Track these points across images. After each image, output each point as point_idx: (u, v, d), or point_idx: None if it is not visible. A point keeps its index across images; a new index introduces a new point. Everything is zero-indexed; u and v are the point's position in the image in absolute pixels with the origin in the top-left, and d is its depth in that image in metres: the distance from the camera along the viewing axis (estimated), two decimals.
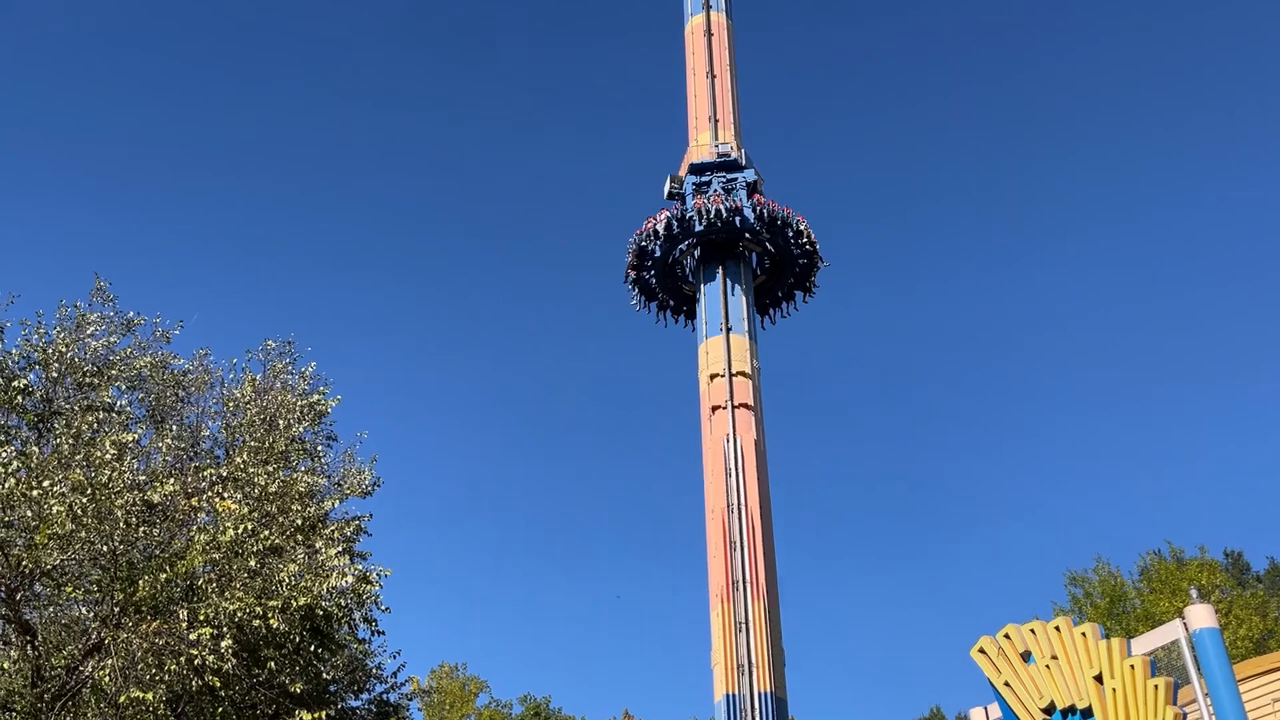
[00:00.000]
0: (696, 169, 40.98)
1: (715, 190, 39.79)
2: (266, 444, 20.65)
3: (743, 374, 38.53)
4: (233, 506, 17.13)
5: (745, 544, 34.57)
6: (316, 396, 23.20)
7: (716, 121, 43.14)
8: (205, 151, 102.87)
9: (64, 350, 18.38)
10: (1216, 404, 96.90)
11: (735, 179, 40.24)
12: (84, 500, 15.99)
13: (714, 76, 44.21)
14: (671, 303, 42.35)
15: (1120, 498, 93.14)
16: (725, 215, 38.65)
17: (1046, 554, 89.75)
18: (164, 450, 18.58)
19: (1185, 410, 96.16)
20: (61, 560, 16.70)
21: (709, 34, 44.72)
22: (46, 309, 19.25)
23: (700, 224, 38.82)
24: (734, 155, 41.01)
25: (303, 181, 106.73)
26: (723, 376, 38.31)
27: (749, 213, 39.04)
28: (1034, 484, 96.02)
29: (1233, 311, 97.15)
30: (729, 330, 39.63)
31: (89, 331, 18.97)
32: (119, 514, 16.40)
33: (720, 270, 40.04)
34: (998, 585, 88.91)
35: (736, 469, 36.07)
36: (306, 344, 29.06)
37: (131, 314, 20.39)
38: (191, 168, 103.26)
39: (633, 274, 41.30)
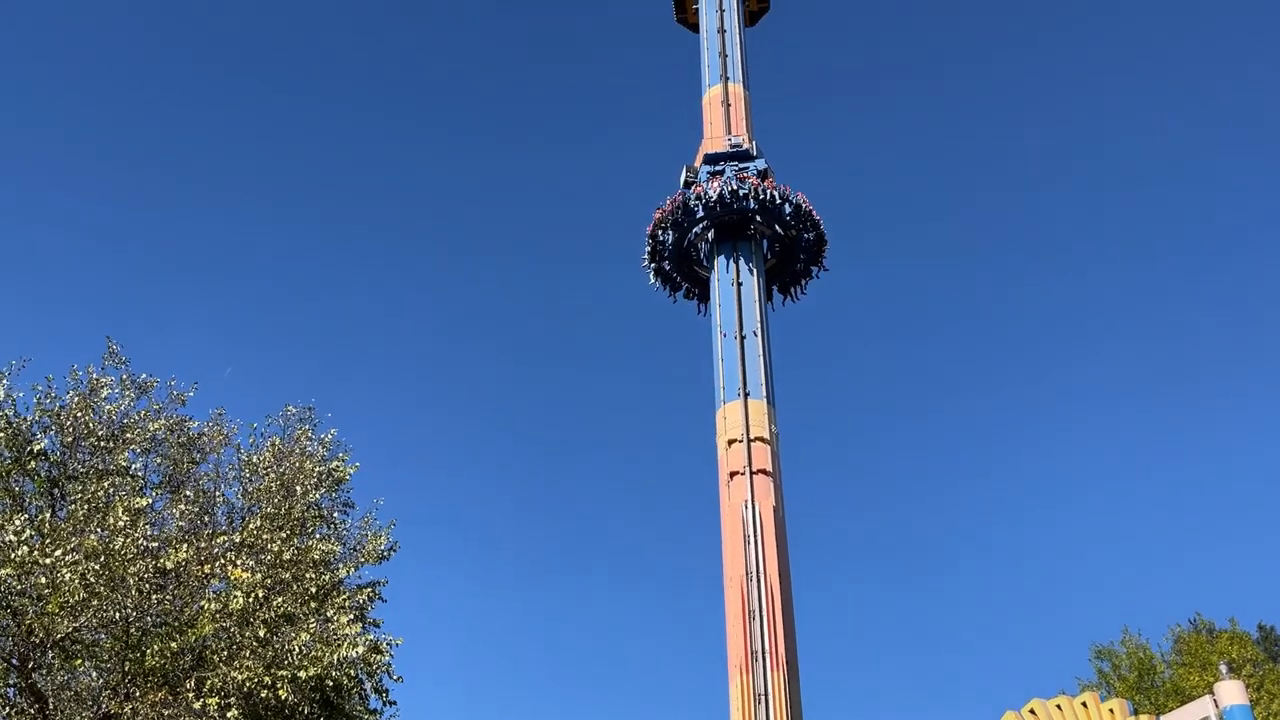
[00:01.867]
0: (711, 159, 42.90)
1: (729, 176, 41.62)
2: (283, 510, 20.57)
3: (761, 439, 38.31)
4: (244, 575, 16.99)
5: (765, 614, 34.03)
6: (335, 463, 23.09)
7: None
8: (221, 207, 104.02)
9: (78, 415, 18.40)
10: (1251, 472, 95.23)
11: (747, 168, 42.08)
12: (96, 567, 15.90)
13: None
14: (685, 285, 43.73)
15: (1149, 567, 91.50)
16: (737, 194, 40.50)
17: (1072, 626, 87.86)
18: (178, 516, 18.51)
19: (1218, 479, 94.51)
20: (73, 628, 16.57)
21: (726, 104, 45.47)
22: (59, 372, 19.34)
23: (714, 200, 40.18)
24: (746, 147, 43.07)
25: (324, 239, 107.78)
26: (741, 442, 38.10)
27: (760, 193, 40.62)
28: (1059, 553, 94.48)
29: (1265, 375, 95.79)
30: (746, 395, 39.52)
31: (103, 395, 19.01)
32: (131, 581, 16.28)
33: (733, 250, 41.41)
34: (1021, 658, 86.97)
35: (755, 536, 35.67)
36: (328, 408, 29.14)
37: (144, 376, 20.44)
38: (207, 226, 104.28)
39: (651, 257, 42.48)
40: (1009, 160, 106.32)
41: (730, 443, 38.47)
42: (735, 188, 41.20)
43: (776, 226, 42.28)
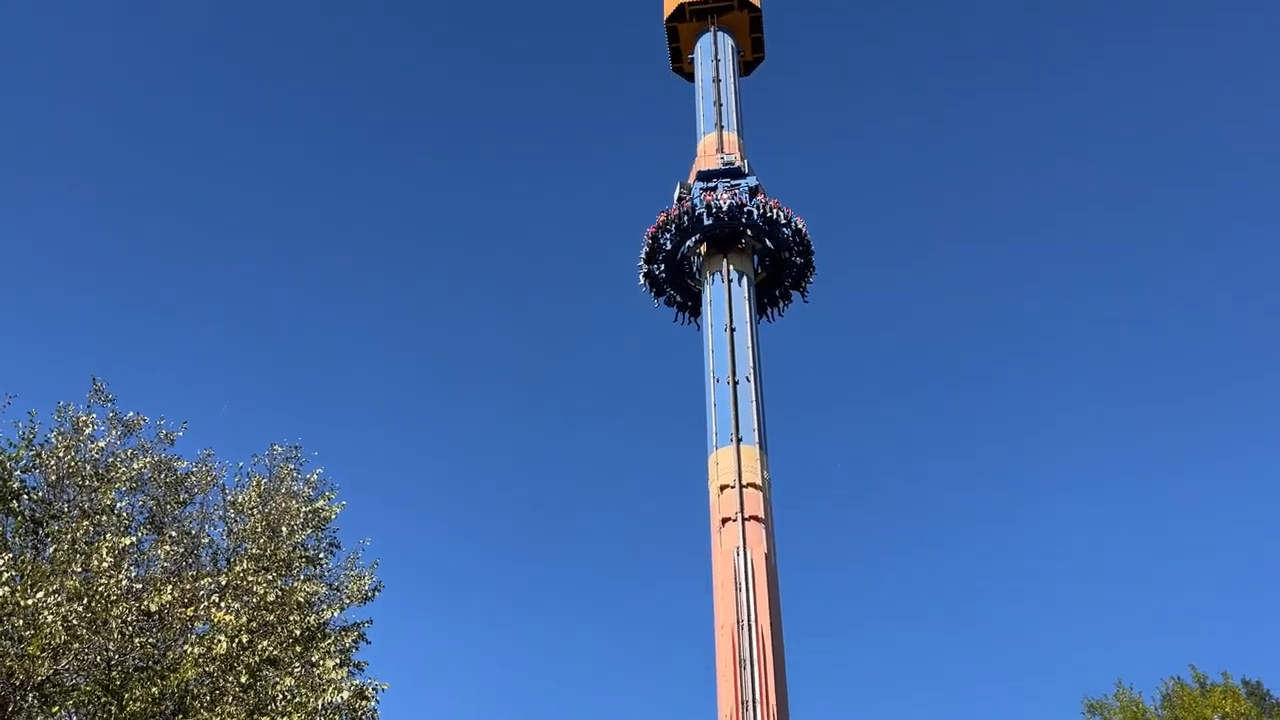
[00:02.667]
0: (704, 176, 44.42)
1: (721, 191, 43.10)
2: (268, 552, 20.27)
3: (753, 485, 38.14)
4: (229, 618, 16.68)
5: (756, 662, 33.66)
6: (321, 502, 22.77)
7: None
8: (211, 244, 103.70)
9: (61, 454, 18.16)
10: (1243, 522, 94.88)
11: (739, 184, 43.47)
12: (78, 609, 15.59)
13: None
14: (671, 292, 44.84)
15: (1142, 620, 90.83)
16: (730, 209, 42.01)
17: (1064, 678, 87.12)
18: (163, 556, 18.21)
19: (1213, 533, 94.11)
20: (53, 671, 16.21)
21: (721, 151, 45.89)
22: (45, 409, 19.12)
23: (708, 219, 41.76)
24: (738, 164, 44.53)
25: (317, 273, 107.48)
26: (733, 487, 37.91)
27: (751, 208, 42.08)
28: (1052, 603, 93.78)
29: (1260, 425, 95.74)
30: (739, 440, 39.41)
31: (87, 433, 18.78)
32: (113, 624, 15.97)
33: (725, 278, 42.40)
34: (1014, 710, 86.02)
35: (747, 584, 35.38)
36: (314, 446, 28.98)
37: (132, 414, 20.23)
38: (197, 260, 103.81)
39: (647, 259, 43.54)
40: (1001, 203, 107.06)
41: (722, 488, 38.27)
42: (743, 200, 42.49)
43: (767, 241, 43.39)
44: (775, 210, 43.00)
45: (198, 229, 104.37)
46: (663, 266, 44.09)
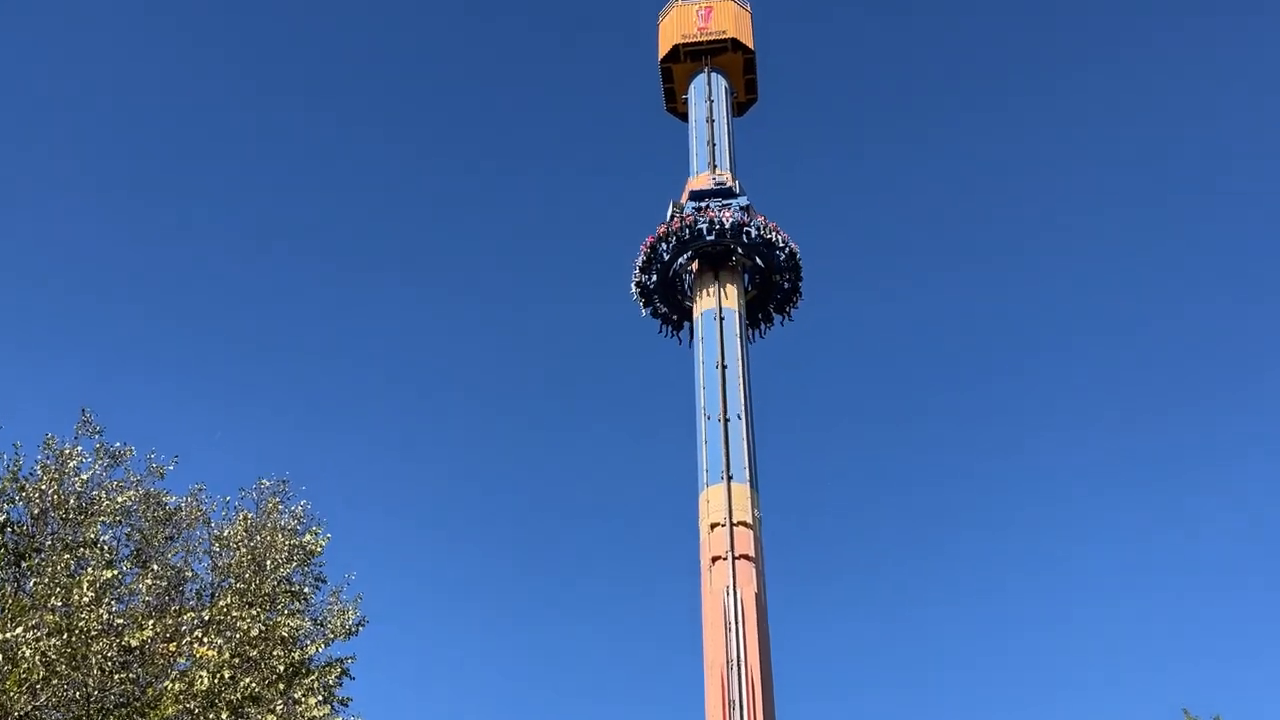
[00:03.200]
0: (696, 195, 45.59)
1: (716, 209, 44.29)
2: (253, 586, 20.14)
3: (744, 524, 38.01)
4: (210, 653, 16.51)
5: (745, 703, 33.38)
6: (308, 537, 22.67)
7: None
8: (203, 276, 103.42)
9: (45, 488, 18.06)
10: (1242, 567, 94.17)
11: (730, 203, 44.69)
12: (58, 644, 15.42)
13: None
14: (674, 316, 45.80)
15: (1137, 663, 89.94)
16: (732, 226, 43.31)
17: None
18: (144, 591, 18.06)
19: (1208, 575, 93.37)
20: (32, 707, 16.01)
21: (713, 174, 46.58)
22: (31, 440, 19.03)
23: (709, 233, 42.90)
24: (729, 185, 45.81)
25: (307, 306, 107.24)
26: (724, 526, 37.79)
27: (751, 228, 43.36)
28: (1045, 649, 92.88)
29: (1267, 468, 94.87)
30: (730, 478, 39.34)
31: (72, 465, 18.70)
32: (93, 659, 15.79)
33: (716, 295, 43.51)
34: None
35: (737, 624, 35.16)
36: (301, 480, 29.22)
37: (119, 444, 20.16)
38: (181, 270, 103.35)
39: (643, 269, 44.46)
40: (993, 235, 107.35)
41: (713, 526, 38.15)
42: (744, 220, 43.79)
43: (759, 259, 44.50)
44: (774, 232, 44.27)
45: (185, 232, 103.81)
46: (654, 278, 45.03)
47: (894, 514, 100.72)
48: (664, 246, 44.10)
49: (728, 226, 43.40)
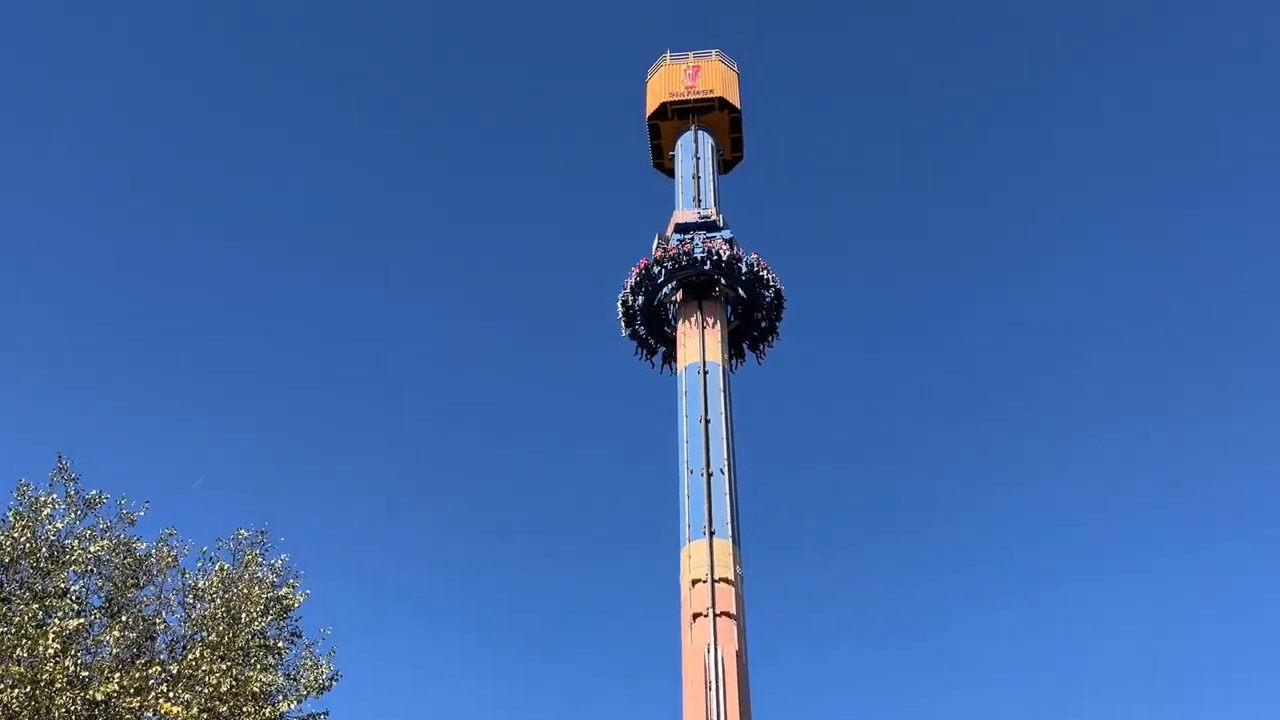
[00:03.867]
0: (682, 228, 46.67)
1: (704, 239, 45.58)
2: (226, 640, 19.78)
3: (725, 580, 37.67)
4: (177, 709, 16.14)
5: None
6: (285, 590, 22.35)
7: (705, 327, 44.49)
8: (185, 319, 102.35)
9: (16, 535, 17.79)
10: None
11: (715, 236, 45.79)
12: (21, 696, 15.07)
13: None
14: (652, 342, 46.77)
15: (1133, 704, 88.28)
16: (728, 259, 44.67)
17: None
18: (112, 643, 17.70)
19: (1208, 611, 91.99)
20: None
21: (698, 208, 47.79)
22: (6, 486, 18.85)
23: (706, 263, 44.15)
24: (714, 218, 46.96)
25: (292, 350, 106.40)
26: (705, 582, 37.42)
27: (748, 264, 44.92)
28: (1034, 701, 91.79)
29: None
30: (712, 534, 39.05)
31: (44, 513, 18.44)
32: (57, 713, 15.43)
33: (698, 309, 44.79)
34: None
35: (717, 682, 34.70)
36: (280, 532, 29.03)
37: (94, 492, 19.91)
38: (171, 336, 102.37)
39: (634, 290, 45.42)
40: (966, 299, 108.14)
41: (694, 583, 37.78)
42: (740, 254, 45.26)
43: (741, 291, 45.64)
44: (765, 271, 45.77)
45: (169, 275, 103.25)
46: (640, 301, 45.93)
47: (874, 564, 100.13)
48: (658, 270, 45.06)
49: (723, 258, 44.68)
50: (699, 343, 43.82)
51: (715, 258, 44.52)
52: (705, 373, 43.06)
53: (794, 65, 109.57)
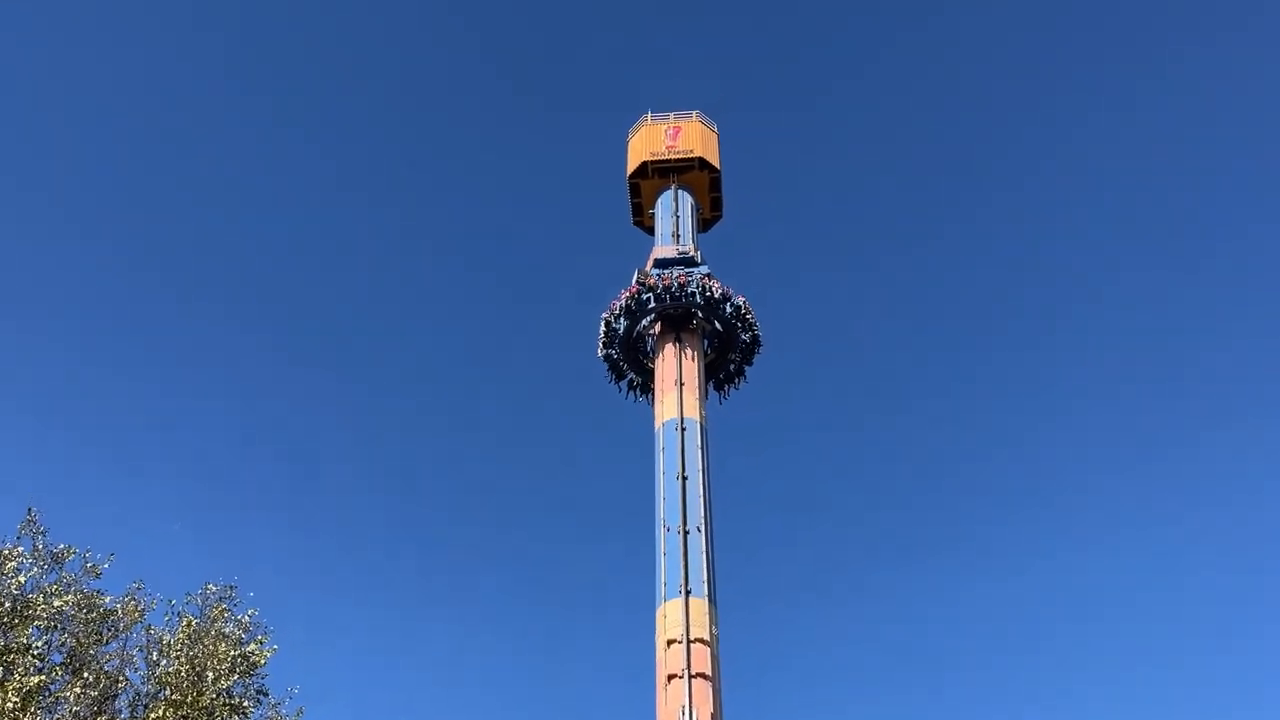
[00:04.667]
0: (661, 263, 47.64)
1: (695, 276, 46.71)
2: (190, 698, 19.33)
3: (701, 640, 37.22)
4: None
5: None
6: (252, 646, 22.00)
7: (683, 385, 44.58)
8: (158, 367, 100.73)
9: None
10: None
11: (692, 271, 46.84)
12: None
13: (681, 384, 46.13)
14: (628, 371, 47.83)
15: None
16: (719, 297, 45.95)
17: None
18: (73, 700, 17.23)
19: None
20: None
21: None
22: None
23: (700, 297, 45.40)
24: (692, 254, 47.90)
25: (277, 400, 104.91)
26: (680, 643, 36.94)
27: (737, 304, 46.18)
28: None
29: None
30: (688, 593, 38.64)
31: (9, 567, 18.07)
32: None
33: (675, 340, 45.84)
34: None
35: None
36: (250, 586, 27.62)
37: (62, 546, 19.57)
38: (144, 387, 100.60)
39: (625, 312, 46.08)
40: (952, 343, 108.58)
41: (669, 643, 37.30)
42: (729, 292, 46.46)
43: (717, 324, 46.87)
44: (749, 315, 46.96)
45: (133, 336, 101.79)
46: (624, 323, 46.78)
47: (852, 619, 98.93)
48: (647, 296, 46.01)
49: (715, 296, 46.03)
50: (676, 399, 43.80)
51: (708, 293, 45.89)
52: (683, 429, 42.98)
53: (775, 126, 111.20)
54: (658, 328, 46.75)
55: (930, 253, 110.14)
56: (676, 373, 44.77)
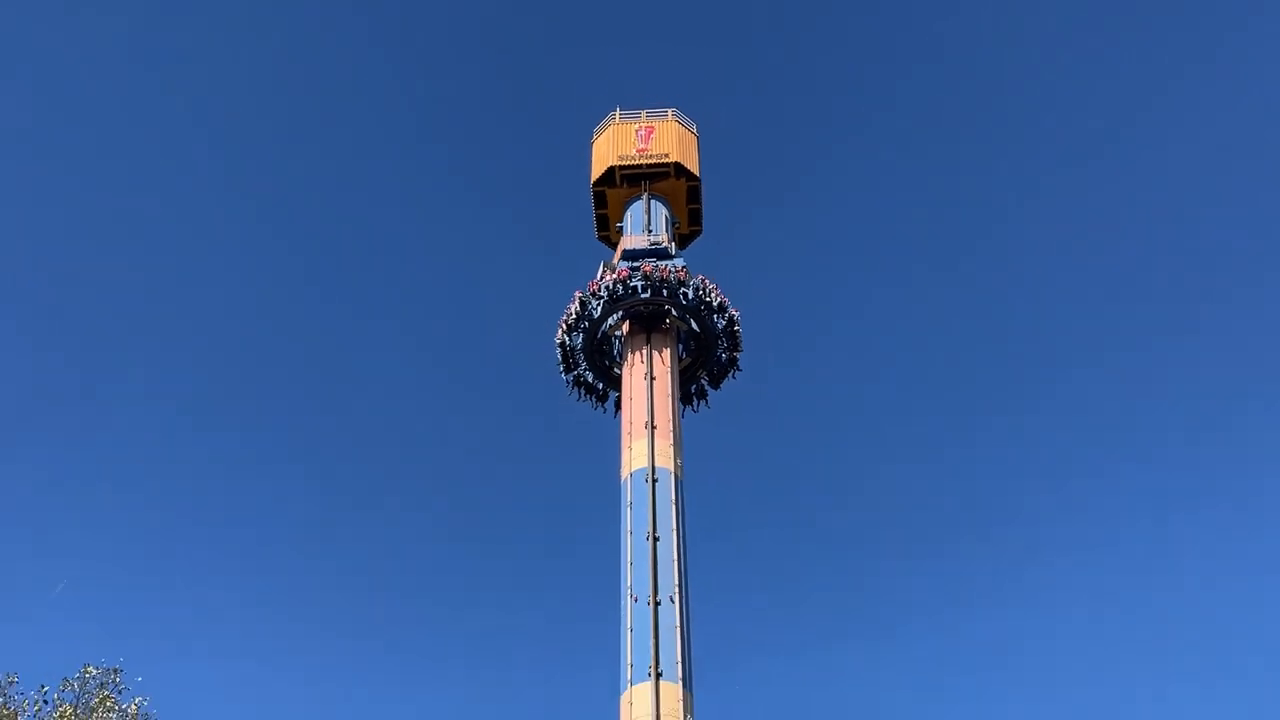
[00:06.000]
0: (630, 254, 43.08)
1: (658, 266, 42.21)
2: None
3: None
4: None
5: None
6: None
7: (654, 428, 38.83)
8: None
9: None
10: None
11: (665, 264, 42.02)
12: None
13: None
14: (599, 385, 43.43)
15: None
16: (653, 282, 41.05)
17: None
18: None
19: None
20: None
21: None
22: None
23: (690, 295, 41.01)
24: (665, 245, 43.33)
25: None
26: None
27: (729, 315, 41.97)
28: None
29: None
30: (659, 675, 33.32)
31: None
32: None
33: (645, 336, 41.59)
34: None
35: None
36: (137, 670, 24.96)
37: None
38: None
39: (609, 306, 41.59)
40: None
41: None
42: (697, 286, 41.60)
43: (694, 324, 42.62)
44: (714, 295, 42.06)
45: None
46: (581, 338, 42.35)
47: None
48: (595, 304, 41.43)
49: (692, 290, 41.35)
50: (647, 445, 38.20)
51: (683, 286, 41.05)
52: (654, 480, 37.41)
53: (763, 128, 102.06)
54: (626, 327, 41.95)
55: (948, 271, 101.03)
56: (647, 413, 39.12)
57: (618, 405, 41.85)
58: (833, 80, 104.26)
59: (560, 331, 42.27)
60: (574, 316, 41.74)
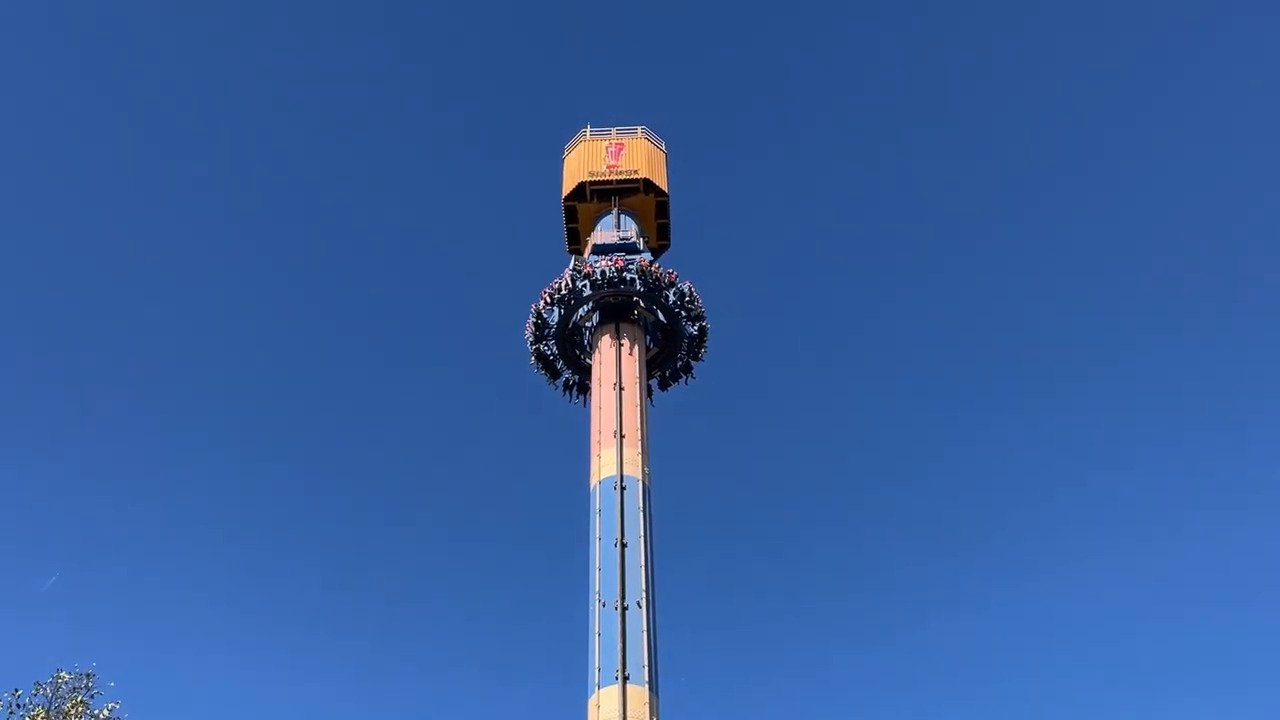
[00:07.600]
0: (600, 249, 44.22)
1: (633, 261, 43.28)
2: None
3: None
4: None
5: None
6: None
7: (623, 437, 39.52)
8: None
9: None
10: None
11: (633, 259, 43.25)
12: None
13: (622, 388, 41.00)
14: (575, 378, 44.40)
15: None
16: (620, 273, 42.38)
17: None
18: None
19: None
20: None
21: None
22: None
23: (642, 284, 41.95)
24: (634, 240, 44.48)
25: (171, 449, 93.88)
26: None
27: (696, 313, 43.32)
28: None
29: None
30: (626, 679, 33.86)
31: None
32: None
33: (614, 327, 42.76)
34: None
35: None
36: (110, 675, 25.17)
37: None
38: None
39: (592, 289, 42.48)
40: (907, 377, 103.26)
41: None
42: (668, 276, 43.04)
43: (660, 315, 43.82)
44: (695, 303, 43.78)
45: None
46: (555, 328, 43.67)
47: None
48: (583, 284, 42.62)
49: (656, 280, 42.63)
50: (616, 453, 38.87)
51: (648, 277, 42.56)
52: (622, 488, 38.06)
53: (732, 146, 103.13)
54: (595, 318, 43.52)
55: (912, 285, 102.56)
56: (616, 422, 39.81)
57: (582, 388, 43.91)
58: (801, 99, 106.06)
59: (542, 302, 43.50)
60: (563, 290, 42.90)
